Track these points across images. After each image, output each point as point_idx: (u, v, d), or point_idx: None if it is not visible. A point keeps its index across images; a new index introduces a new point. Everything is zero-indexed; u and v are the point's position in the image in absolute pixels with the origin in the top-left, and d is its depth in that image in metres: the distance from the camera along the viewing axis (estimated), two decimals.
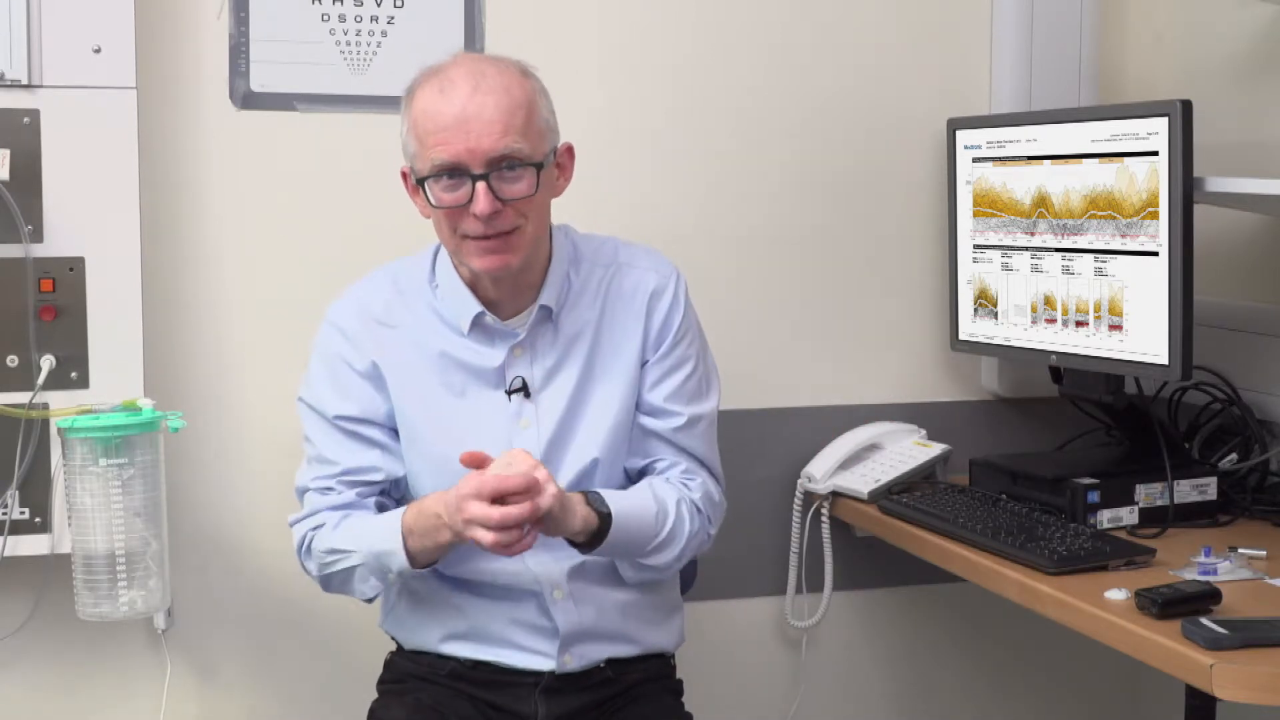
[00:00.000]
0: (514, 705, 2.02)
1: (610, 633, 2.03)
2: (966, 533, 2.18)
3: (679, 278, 2.08)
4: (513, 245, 1.90)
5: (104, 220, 2.21)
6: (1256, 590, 1.91)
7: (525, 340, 2.00)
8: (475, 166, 1.85)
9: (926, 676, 2.81)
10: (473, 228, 1.88)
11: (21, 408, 2.15)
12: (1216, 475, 2.30)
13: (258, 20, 2.37)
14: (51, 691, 2.38)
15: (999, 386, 2.74)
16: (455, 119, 1.85)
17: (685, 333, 2.06)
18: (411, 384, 2.00)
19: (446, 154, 1.86)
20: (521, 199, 1.88)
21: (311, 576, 2.03)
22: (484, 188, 1.85)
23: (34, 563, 2.25)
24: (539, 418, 2.00)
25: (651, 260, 2.08)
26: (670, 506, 1.99)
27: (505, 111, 1.86)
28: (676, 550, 2.00)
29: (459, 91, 1.87)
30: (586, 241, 2.08)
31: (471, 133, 1.85)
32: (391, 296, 2.03)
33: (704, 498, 2.05)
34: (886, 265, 2.70)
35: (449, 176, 1.87)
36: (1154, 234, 2.17)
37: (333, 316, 2.04)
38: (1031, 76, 2.66)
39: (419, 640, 2.07)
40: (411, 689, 2.05)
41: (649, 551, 1.98)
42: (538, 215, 1.93)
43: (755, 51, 2.61)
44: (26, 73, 2.16)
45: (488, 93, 1.86)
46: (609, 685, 2.05)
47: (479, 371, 2.00)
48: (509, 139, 1.86)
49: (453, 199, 1.88)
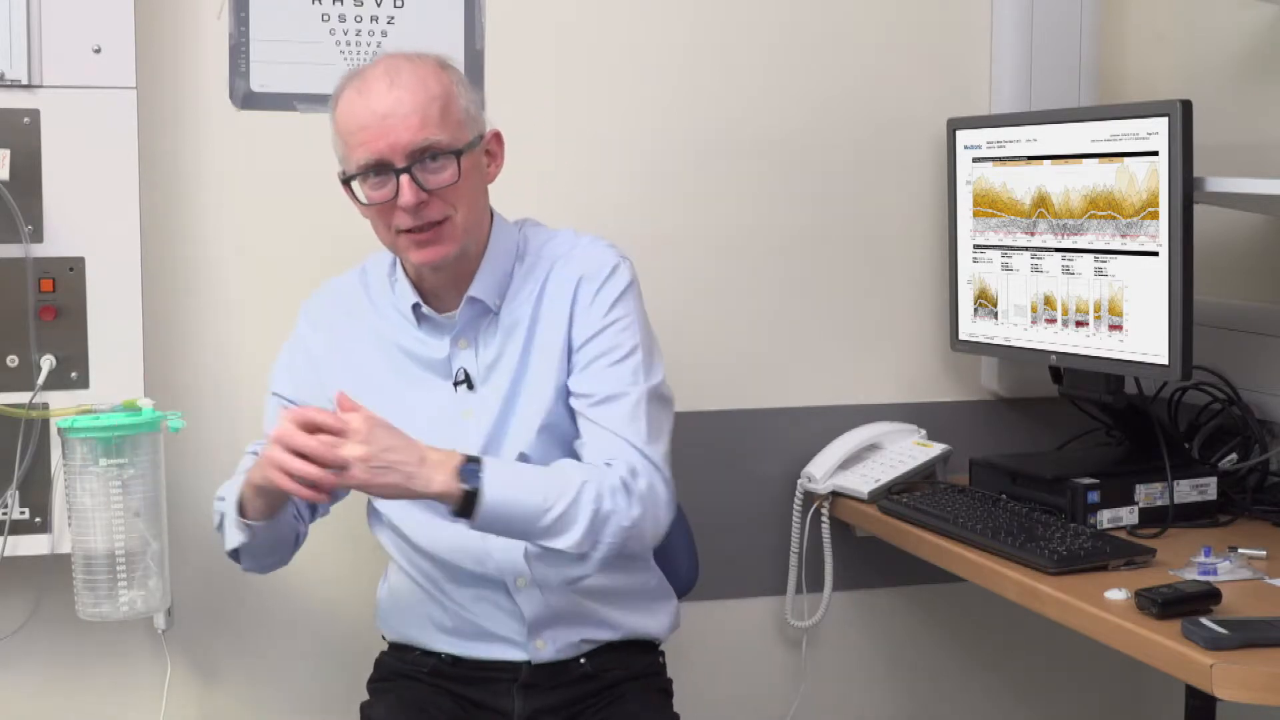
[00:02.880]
0: (493, 701, 2.03)
1: (583, 614, 2.02)
2: (966, 533, 2.18)
3: (617, 266, 2.02)
4: (445, 235, 1.94)
5: (104, 220, 2.21)
6: (1256, 590, 1.91)
7: (468, 333, 2.02)
8: (397, 161, 1.89)
9: (926, 676, 2.80)
10: (403, 221, 1.92)
11: (21, 408, 2.15)
12: (1216, 475, 2.30)
13: (258, 20, 2.37)
14: (51, 691, 2.38)
15: (999, 386, 2.74)
16: (374, 117, 1.89)
17: (615, 319, 1.99)
18: (366, 374, 2.03)
19: (368, 152, 1.90)
20: (446, 188, 1.91)
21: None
22: (407, 180, 1.89)
23: (34, 563, 2.25)
24: (479, 410, 2.01)
25: (592, 250, 2.04)
26: (572, 487, 1.86)
27: (421, 105, 1.89)
28: (578, 534, 1.85)
29: (375, 90, 1.90)
30: (539, 234, 2.08)
31: (390, 129, 1.88)
32: (358, 288, 2.09)
33: (627, 479, 1.89)
34: (886, 265, 2.70)
35: (374, 174, 1.91)
36: (1154, 234, 2.17)
37: (305, 305, 2.13)
38: (1031, 76, 2.66)
39: (405, 634, 2.09)
40: (396, 687, 2.07)
41: (540, 531, 1.86)
42: (468, 204, 1.95)
43: (755, 52, 2.61)
44: (26, 73, 2.16)
45: (403, 88, 1.90)
46: (588, 681, 2.04)
47: (429, 363, 2.04)
48: (427, 131, 1.89)
49: (380, 195, 1.92)
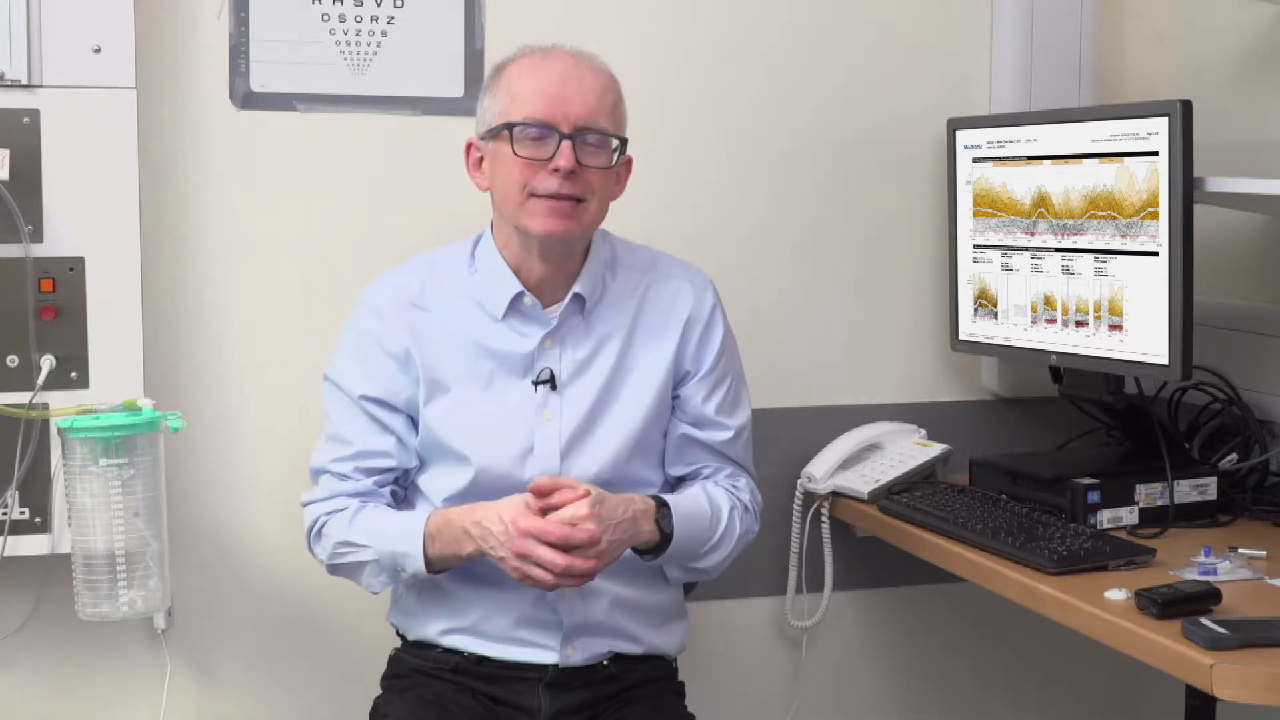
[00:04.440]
0: (517, 699, 2.03)
1: (613, 628, 2.05)
2: (966, 533, 2.18)
3: (714, 294, 2.14)
4: (576, 215, 1.97)
5: (104, 220, 2.21)
6: (1256, 590, 1.91)
7: (557, 333, 2.03)
8: (565, 127, 1.94)
9: (926, 676, 2.81)
10: (548, 185, 1.94)
11: (21, 408, 2.15)
12: (1216, 475, 2.30)
13: (258, 20, 2.37)
14: (51, 691, 2.38)
15: (999, 386, 2.74)
16: (556, 80, 1.96)
17: (726, 347, 2.12)
18: (440, 368, 2.02)
19: (541, 109, 1.95)
20: (595, 170, 1.96)
21: (318, 560, 2.05)
22: (569, 146, 1.94)
23: (34, 563, 2.26)
24: (563, 411, 2.02)
25: (687, 271, 2.14)
26: (724, 512, 2.07)
27: (601, 89, 1.99)
28: (725, 552, 2.08)
29: (562, 59, 1.99)
30: (624, 246, 2.14)
31: (569, 96, 1.95)
32: (427, 280, 2.07)
33: (750, 499, 2.15)
34: (886, 265, 2.70)
35: (537, 129, 1.94)
36: (1154, 234, 2.17)
37: (368, 297, 2.08)
38: (1031, 76, 2.66)
39: (423, 632, 2.08)
40: (415, 684, 2.06)
41: (702, 555, 2.05)
42: (600, 199, 2.00)
43: (755, 51, 2.61)
44: (26, 73, 2.16)
45: (588, 68, 2.00)
46: (612, 682, 2.05)
47: (508, 359, 2.02)
48: (600, 114, 1.97)
49: (534, 151, 1.94)
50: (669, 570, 2.08)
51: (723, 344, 2.12)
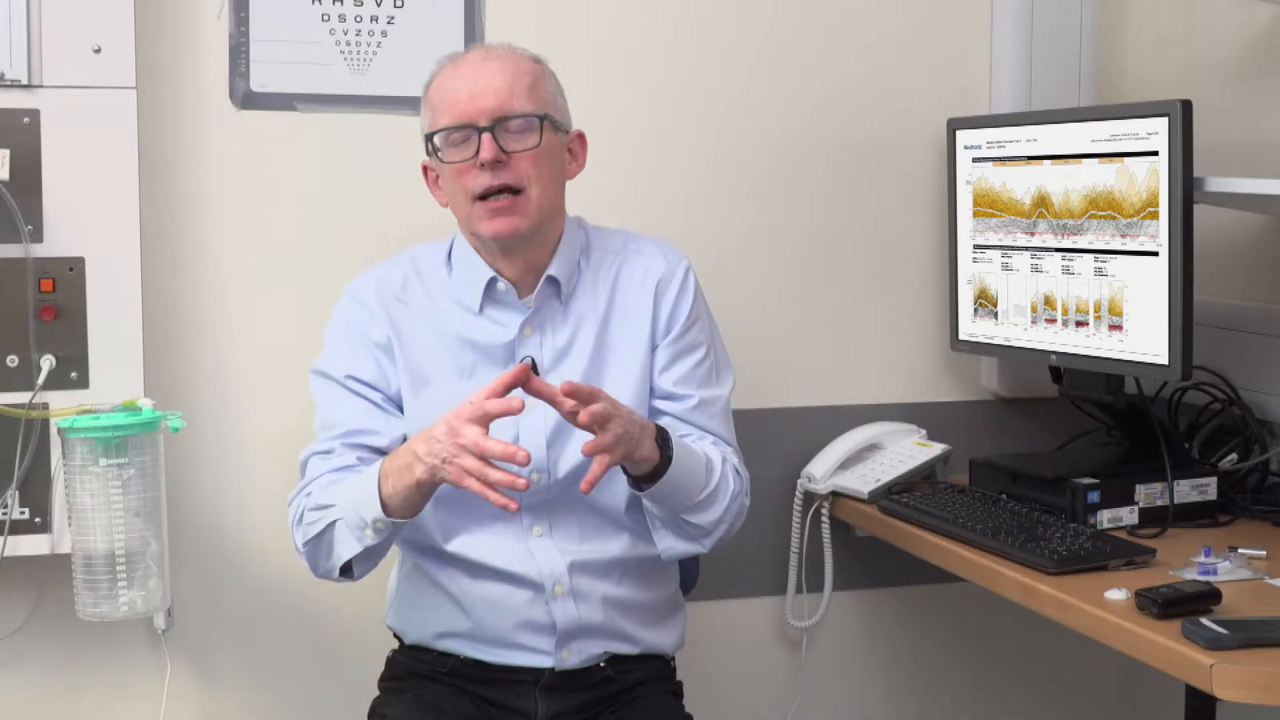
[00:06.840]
0: (514, 702, 2.02)
1: (609, 630, 2.04)
2: (966, 533, 2.18)
3: (688, 265, 2.12)
4: (520, 208, 1.96)
5: (104, 220, 2.21)
6: (1256, 590, 1.91)
7: (535, 319, 2.03)
8: (482, 120, 1.95)
9: (926, 676, 2.80)
10: (480, 182, 1.94)
11: (21, 408, 2.15)
12: (1216, 475, 2.30)
13: (258, 20, 2.37)
14: (51, 691, 2.38)
15: (999, 386, 2.74)
16: (464, 82, 1.97)
17: (695, 319, 2.09)
18: (422, 360, 2.02)
19: (458, 111, 1.96)
20: (526, 153, 1.95)
21: (299, 552, 1.98)
22: (488, 138, 1.94)
23: (34, 563, 2.26)
24: None
25: (660, 248, 2.13)
26: (716, 463, 2.02)
27: (511, 74, 1.98)
28: (720, 509, 2.02)
29: (470, 61, 2.00)
30: (598, 232, 2.14)
31: (479, 92, 1.96)
32: (409, 275, 2.08)
33: (740, 467, 2.09)
34: (886, 265, 2.70)
35: (459, 131, 1.96)
36: (1154, 234, 2.17)
37: (351, 290, 2.09)
38: (1031, 76, 2.66)
39: (420, 635, 2.08)
40: (412, 686, 2.06)
41: (696, 505, 1.99)
42: (544, 183, 1.98)
43: (754, 51, 2.61)
44: (26, 73, 2.16)
45: (495, 60, 1.99)
46: (609, 684, 2.05)
47: (489, 350, 2.03)
48: (514, 99, 1.96)
49: (462, 154, 1.95)
50: (661, 539, 2.03)
51: (692, 313, 2.08)
